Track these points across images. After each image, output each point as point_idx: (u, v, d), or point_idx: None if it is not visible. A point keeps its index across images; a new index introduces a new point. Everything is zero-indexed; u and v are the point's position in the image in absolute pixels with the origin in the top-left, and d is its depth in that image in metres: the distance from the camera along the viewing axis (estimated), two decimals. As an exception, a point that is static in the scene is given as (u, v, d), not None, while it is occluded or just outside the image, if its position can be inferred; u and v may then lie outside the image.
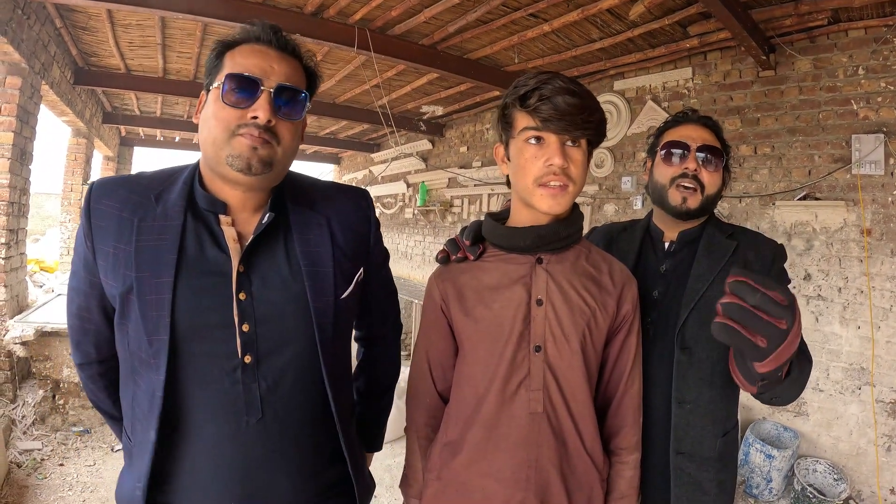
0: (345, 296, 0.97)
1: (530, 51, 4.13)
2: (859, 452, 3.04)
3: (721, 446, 1.22)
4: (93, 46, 4.56)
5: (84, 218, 0.90)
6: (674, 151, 1.25)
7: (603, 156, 4.56)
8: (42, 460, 2.99)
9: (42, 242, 8.41)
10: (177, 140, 9.04)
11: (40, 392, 3.44)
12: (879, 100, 3.03)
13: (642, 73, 4.31)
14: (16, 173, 3.55)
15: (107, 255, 0.88)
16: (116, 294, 0.87)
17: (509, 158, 1.03)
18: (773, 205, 3.45)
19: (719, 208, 1.44)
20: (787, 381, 0.93)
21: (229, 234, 0.89)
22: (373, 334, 1.21)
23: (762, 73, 3.52)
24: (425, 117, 6.57)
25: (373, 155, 8.91)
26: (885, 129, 2.98)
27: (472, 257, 1.06)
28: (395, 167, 7.95)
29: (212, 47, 0.92)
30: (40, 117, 3.92)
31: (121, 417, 0.98)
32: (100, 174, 8.17)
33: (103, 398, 1.02)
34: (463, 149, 6.59)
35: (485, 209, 6.11)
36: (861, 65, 3.10)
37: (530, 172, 0.96)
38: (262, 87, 0.85)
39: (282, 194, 0.97)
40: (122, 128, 8.19)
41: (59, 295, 4.23)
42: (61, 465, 2.98)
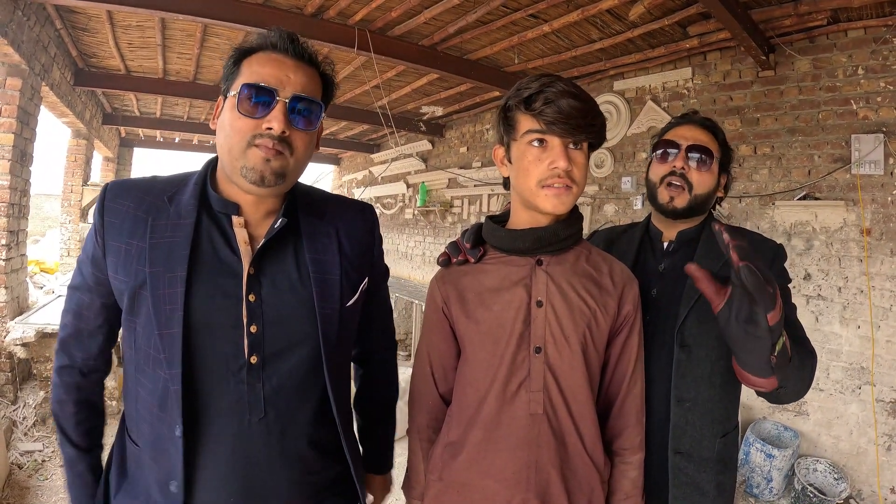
0: (350, 304, 0.98)
1: (530, 51, 4.13)
2: (860, 452, 3.05)
3: (720, 447, 1.22)
4: (93, 47, 4.57)
5: (97, 215, 0.91)
6: (666, 151, 1.26)
7: (603, 156, 4.57)
8: (43, 461, 2.99)
9: (42, 244, 8.42)
10: (176, 141, 9.04)
11: (41, 393, 3.44)
12: (879, 99, 3.04)
13: (642, 74, 4.31)
14: (16, 174, 3.55)
15: (118, 252, 0.89)
16: (126, 290, 0.88)
17: (510, 160, 1.03)
18: (773, 205, 3.46)
19: (718, 208, 1.43)
20: (791, 366, 0.94)
21: (241, 235, 0.90)
22: (371, 351, 1.21)
23: (762, 73, 3.52)
24: (425, 118, 6.57)
25: (373, 155, 8.91)
26: (884, 129, 2.99)
27: (472, 260, 1.07)
28: (395, 168, 7.95)
29: (230, 53, 0.92)
30: (40, 118, 3.93)
31: (77, 444, 1.00)
32: (100, 175, 8.18)
33: (68, 414, 0.99)
34: (463, 149, 6.59)
35: (485, 209, 6.11)
36: (860, 65, 3.10)
37: (533, 175, 0.96)
38: (277, 98, 0.85)
39: (294, 202, 0.98)
40: (121, 129, 8.19)
41: (59, 296, 4.22)
42: (62, 466, 2.98)
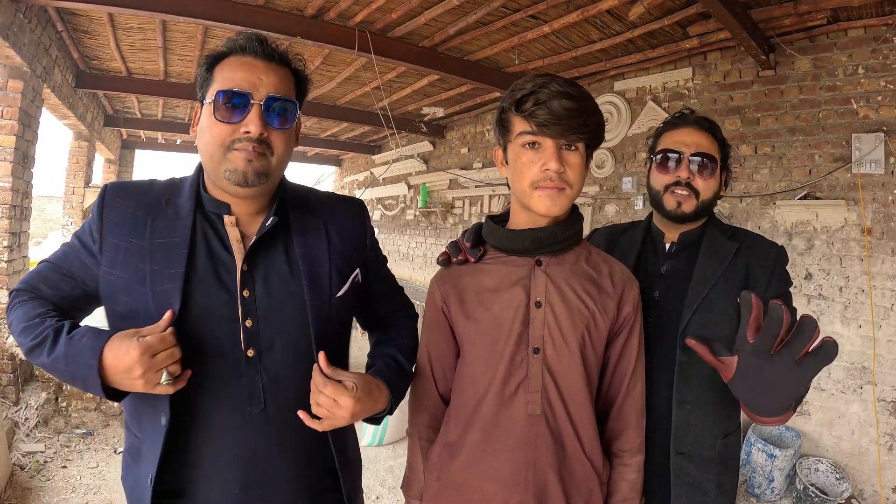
0: (340, 294, 1.01)
1: (530, 52, 4.14)
2: (861, 451, 3.04)
3: (722, 447, 1.22)
4: (94, 50, 4.58)
5: (97, 212, 0.94)
6: (668, 157, 1.25)
7: (604, 156, 4.57)
8: (45, 462, 2.99)
9: (44, 245, 8.42)
10: (178, 143, 9.06)
11: (43, 394, 3.45)
12: (879, 99, 3.03)
13: (642, 74, 4.31)
14: (18, 177, 3.56)
15: (117, 248, 0.92)
16: (124, 286, 0.90)
17: (507, 162, 1.03)
18: (774, 204, 3.45)
19: (720, 208, 1.44)
20: None
21: (233, 234, 0.94)
22: (386, 317, 1.19)
23: (762, 72, 3.52)
24: (426, 119, 6.58)
25: (374, 157, 8.92)
26: (885, 128, 2.98)
27: (472, 259, 1.07)
28: (396, 169, 7.95)
29: (201, 62, 0.95)
30: (42, 121, 3.94)
31: (50, 328, 0.87)
32: (101, 177, 8.20)
33: (29, 316, 0.89)
34: (464, 150, 6.60)
35: (486, 210, 6.11)
36: (861, 64, 3.10)
37: (527, 176, 0.97)
38: (252, 101, 0.88)
39: (284, 200, 1.00)
40: (123, 131, 8.21)
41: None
42: (64, 467, 2.99)
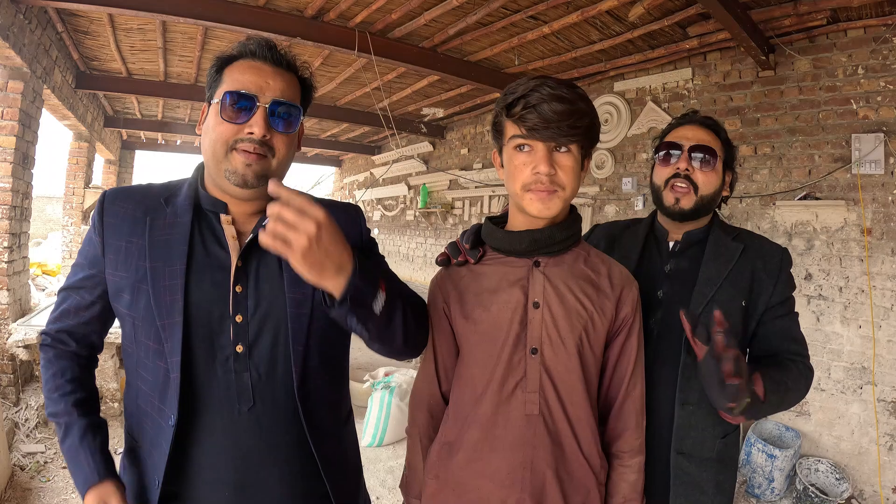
0: None
1: (530, 53, 4.14)
2: (861, 452, 3.04)
3: (721, 447, 1.22)
4: (94, 50, 4.59)
5: (97, 217, 0.96)
6: (669, 153, 1.26)
7: (603, 157, 4.57)
8: (45, 463, 2.99)
9: (44, 246, 8.44)
10: (178, 143, 9.06)
11: (43, 394, 3.45)
12: (879, 99, 3.03)
13: (642, 75, 4.31)
14: (18, 177, 3.56)
15: (118, 249, 0.94)
16: (126, 285, 0.93)
17: (503, 164, 1.04)
18: (774, 205, 3.45)
19: (722, 207, 1.43)
20: (767, 404, 1.02)
21: (229, 231, 0.96)
22: None
23: (762, 73, 3.52)
24: (426, 119, 6.58)
25: (374, 157, 8.92)
26: (884, 129, 2.98)
27: (472, 261, 1.07)
28: (396, 169, 7.96)
29: (212, 62, 0.97)
30: (42, 121, 3.95)
31: (70, 415, 0.99)
32: (101, 178, 8.20)
33: (58, 385, 0.99)
34: (464, 151, 6.60)
35: (486, 211, 6.12)
36: (860, 64, 3.10)
37: (519, 179, 0.98)
38: (257, 103, 0.91)
39: None
40: (123, 131, 8.22)
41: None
42: (64, 467, 2.99)
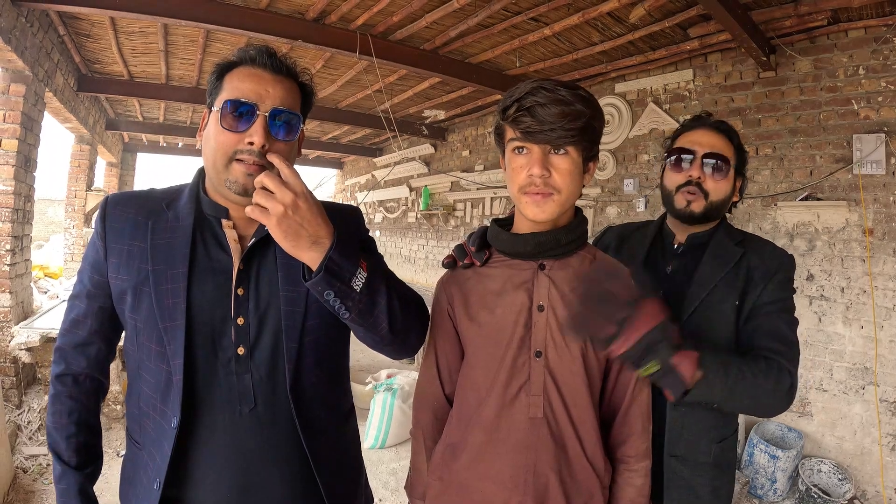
0: None
1: (531, 54, 4.15)
2: (864, 452, 3.04)
3: (717, 452, 1.22)
4: (96, 53, 4.60)
5: (99, 222, 0.97)
6: (681, 158, 1.26)
7: (605, 158, 4.56)
8: (48, 465, 2.99)
9: (46, 248, 8.43)
10: (180, 146, 9.08)
11: (45, 398, 3.45)
12: (880, 99, 3.03)
13: (643, 76, 4.32)
14: (20, 180, 3.57)
15: (120, 252, 0.95)
16: (129, 287, 0.93)
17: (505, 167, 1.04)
18: (775, 205, 3.45)
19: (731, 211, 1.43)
20: (708, 384, 0.95)
21: (230, 235, 0.96)
22: None
23: (763, 74, 3.52)
24: (427, 121, 6.58)
25: (375, 159, 8.94)
26: (886, 129, 2.98)
27: (478, 263, 1.07)
28: (397, 171, 7.97)
29: (213, 68, 0.98)
30: (44, 124, 3.96)
31: (67, 461, 0.98)
32: (103, 180, 8.22)
33: (61, 426, 0.98)
34: (465, 152, 6.60)
35: (488, 213, 6.12)
36: (861, 64, 3.10)
37: (516, 182, 0.98)
38: (257, 112, 0.90)
39: None
40: (125, 134, 8.24)
41: (63, 301, 4.24)
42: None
